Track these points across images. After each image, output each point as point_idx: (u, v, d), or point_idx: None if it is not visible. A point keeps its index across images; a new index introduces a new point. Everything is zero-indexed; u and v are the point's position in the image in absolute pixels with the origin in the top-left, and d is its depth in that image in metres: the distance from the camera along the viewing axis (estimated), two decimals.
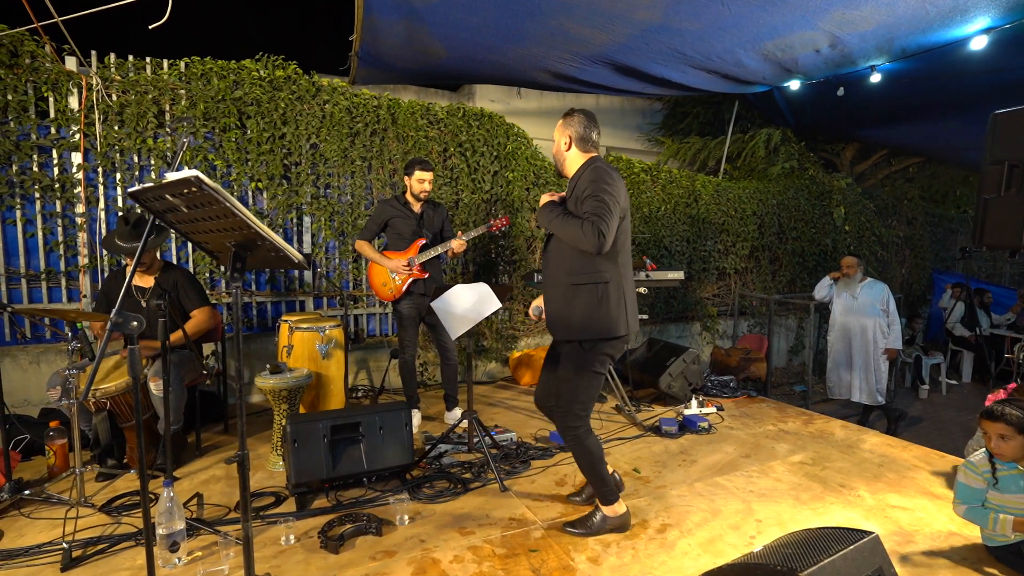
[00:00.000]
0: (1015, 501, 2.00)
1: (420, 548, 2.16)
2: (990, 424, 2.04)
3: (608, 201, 2.00)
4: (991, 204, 2.76)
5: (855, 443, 3.35)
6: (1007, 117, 2.68)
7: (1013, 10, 3.14)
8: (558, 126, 2.20)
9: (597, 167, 2.10)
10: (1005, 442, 2.00)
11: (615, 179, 2.07)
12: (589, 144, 2.18)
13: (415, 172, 3.31)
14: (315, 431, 2.51)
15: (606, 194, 2.01)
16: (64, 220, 3.59)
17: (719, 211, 5.78)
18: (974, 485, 2.09)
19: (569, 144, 2.17)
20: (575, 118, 2.17)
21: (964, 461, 2.18)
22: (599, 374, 2.19)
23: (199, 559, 2.09)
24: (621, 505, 2.29)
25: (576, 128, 2.15)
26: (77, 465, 2.40)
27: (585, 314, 2.10)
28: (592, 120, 2.19)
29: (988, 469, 2.06)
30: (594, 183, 2.04)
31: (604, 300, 2.09)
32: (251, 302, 4.14)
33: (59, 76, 3.47)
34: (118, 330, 1.58)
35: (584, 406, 2.19)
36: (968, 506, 2.11)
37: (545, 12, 3.20)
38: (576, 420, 2.19)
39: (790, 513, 2.47)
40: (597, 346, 2.14)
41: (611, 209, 1.99)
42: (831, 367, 4.82)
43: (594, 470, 2.22)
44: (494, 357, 4.83)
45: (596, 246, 1.97)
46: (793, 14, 3.18)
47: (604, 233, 1.95)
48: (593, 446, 2.21)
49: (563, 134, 2.18)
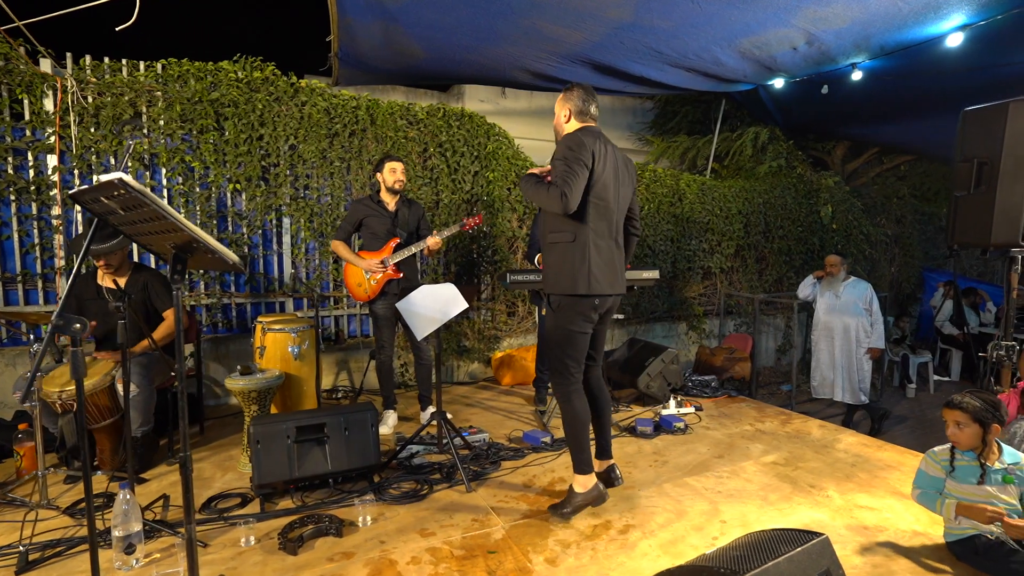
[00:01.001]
0: (967, 491, 2.01)
1: (379, 549, 2.15)
2: (949, 412, 2.06)
3: (573, 165, 2.12)
4: (961, 202, 2.75)
5: (830, 443, 3.34)
6: (976, 114, 2.67)
7: (987, 7, 3.12)
8: (559, 100, 2.33)
9: (571, 134, 2.22)
10: (960, 430, 2.02)
11: (585, 145, 2.16)
12: (587, 116, 2.30)
13: (385, 164, 3.32)
14: (279, 432, 2.50)
15: (573, 160, 2.13)
16: (40, 222, 3.60)
17: (704, 210, 5.76)
18: (932, 473, 2.14)
19: (568, 116, 2.30)
20: (574, 92, 2.29)
21: (928, 451, 2.22)
22: (574, 332, 2.28)
23: (156, 561, 2.08)
24: (592, 478, 2.33)
25: (575, 102, 2.28)
26: (40, 468, 2.40)
27: (554, 270, 2.26)
28: (590, 94, 2.30)
29: (947, 459, 2.08)
30: (564, 148, 2.18)
31: (568, 257, 2.22)
32: (230, 303, 4.14)
33: (33, 78, 3.47)
34: (61, 332, 1.58)
35: (565, 364, 2.29)
36: (922, 491, 2.16)
37: (516, 11, 3.19)
38: (560, 377, 2.30)
39: (756, 514, 2.45)
40: (564, 303, 2.26)
41: (576, 171, 2.11)
42: (814, 366, 4.80)
43: (573, 433, 2.30)
44: (476, 357, 4.83)
45: (561, 206, 2.11)
46: (765, 11, 3.17)
47: (567, 194, 2.09)
48: (580, 409, 2.29)
49: (563, 107, 2.31)
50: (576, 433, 2.30)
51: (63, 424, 2.70)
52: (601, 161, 2.20)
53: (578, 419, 2.28)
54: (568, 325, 2.27)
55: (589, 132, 2.24)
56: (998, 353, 2.99)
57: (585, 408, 2.31)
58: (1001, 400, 2.07)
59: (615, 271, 2.33)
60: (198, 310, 4.03)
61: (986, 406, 1.99)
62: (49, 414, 2.71)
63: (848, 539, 2.24)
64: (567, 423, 2.32)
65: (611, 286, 2.30)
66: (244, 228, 4.09)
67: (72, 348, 1.60)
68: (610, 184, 2.26)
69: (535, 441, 3.19)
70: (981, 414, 1.98)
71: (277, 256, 4.27)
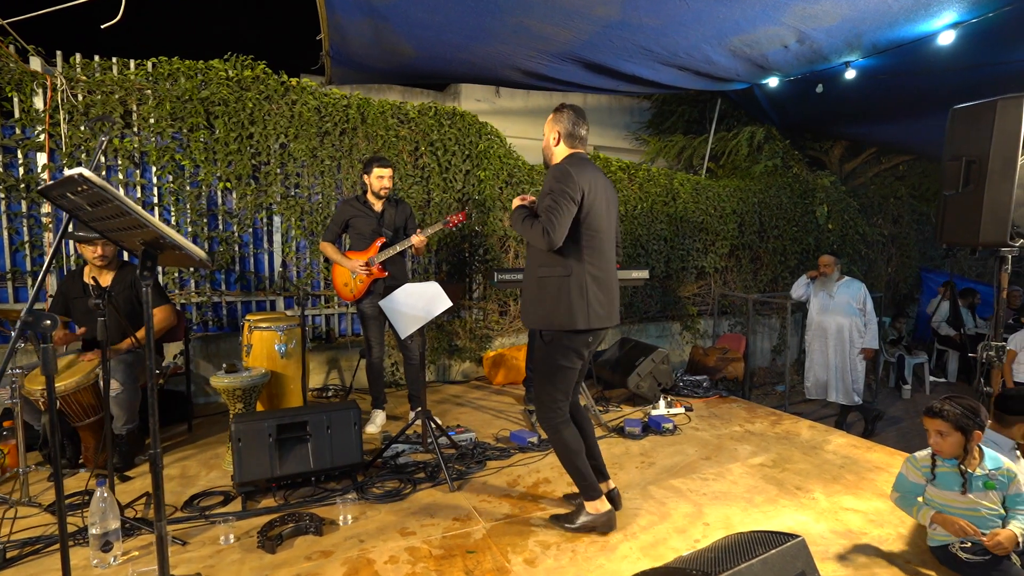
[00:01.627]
0: (950, 499, 1.99)
1: (358, 548, 2.14)
2: (929, 420, 2.03)
3: (559, 199, 2.06)
4: (950, 201, 2.72)
5: (819, 444, 3.31)
6: (964, 112, 2.64)
7: (978, 5, 3.09)
8: (548, 121, 2.25)
9: (559, 166, 2.15)
10: (943, 438, 1.98)
11: (572, 178, 2.09)
12: (576, 140, 2.22)
13: (373, 169, 3.30)
14: (260, 430, 2.49)
15: (559, 194, 2.07)
16: (30, 220, 3.60)
17: (698, 209, 5.73)
18: (912, 479, 2.12)
19: (557, 139, 2.22)
20: (564, 114, 2.21)
21: (909, 456, 2.19)
22: (564, 367, 2.21)
23: (134, 559, 2.08)
24: (604, 503, 2.28)
25: (564, 124, 2.20)
26: (21, 465, 2.40)
27: (548, 305, 2.18)
28: (580, 116, 2.22)
29: (928, 465, 2.06)
30: (551, 180, 2.11)
31: (564, 293, 2.14)
32: (220, 301, 4.14)
33: (23, 76, 3.48)
34: (30, 329, 1.57)
35: (554, 397, 2.22)
36: (901, 495, 2.15)
37: (504, 9, 3.18)
38: (548, 410, 2.23)
39: (740, 516, 2.43)
40: (557, 338, 2.19)
41: (561, 206, 2.05)
42: (808, 367, 4.77)
43: (570, 462, 2.24)
44: (468, 357, 4.81)
45: (545, 243, 2.07)
46: (753, 9, 3.15)
47: (550, 232, 2.04)
48: (570, 439, 2.23)
49: (552, 129, 2.23)
50: (572, 462, 2.23)
51: (46, 422, 2.70)
52: (592, 191, 2.13)
53: (570, 448, 2.22)
54: (561, 360, 2.19)
55: (577, 160, 2.18)
56: (988, 354, 2.96)
57: (575, 436, 2.25)
58: (980, 405, 2.03)
59: (613, 301, 2.27)
60: (188, 308, 4.03)
61: (966, 412, 1.95)
62: (32, 411, 2.71)
63: (832, 541, 2.22)
64: (562, 454, 2.25)
65: (609, 318, 2.24)
66: (235, 226, 4.09)
67: (42, 345, 1.59)
68: (602, 213, 2.20)
69: (522, 441, 3.18)
70: (962, 421, 1.94)
71: (267, 255, 4.26)
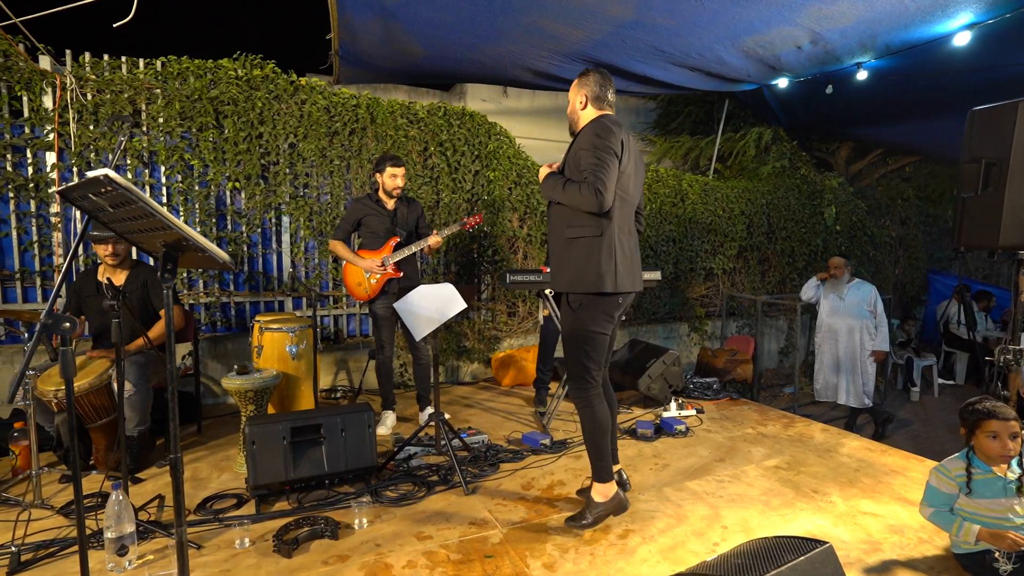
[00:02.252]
0: (985, 507, 1.92)
1: (374, 553, 2.12)
2: (1000, 423, 1.89)
3: (604, 156, 1.99)
4: (969, 203, 2.70)
5: (833, 447, 3.29)
6: (984, 114, 2.62)
7: (995, 5, 3.07)
8: (573, 85, 2.21)
9: (597, 121, 2.10)
10: (1014, 441, 1.87)
11: (614, 133, 2.05)
12: (604, 103, 2.18)
13: (386, 168, 3.27)
14: (274, 433, 2.47)
15: (603, 150, 2.00)
16: (39, 220, 3.59)
17: (706, 211, 5.71)
18: (945, 490, 2.02)
19: (584, 103, 2.18)
20: (590, 77, 2.17)
21: (937, 464, 2.11)
22: (595, 333, 2.16)
23: (149, 562, 2.06)
24: (613, 486, 2.24)
25: (591, 87, 2.16)
26: (34, 467, 2.38)
27: (576, 267, 2.12)
28: (607, 79, 2.18)
29: (963, 474, 1.96)
30: (591, 136, 2.04)
31: (594, 254, 2.09)
32: (229, 302, 4.12)
33: (32, 75, 3.46)
34: (50, 331, 1.56)
35: (587, 367, 2.16)
36: (935, 509, 2.05)
37: (517, 9, 3.16)
38: (580, 381, 2.17)
39: (758, 520, 2.41)
40: (586, 302, 2.13)
41: (607, 163, 1.99)
42: (818, 369, 4.75)
43: (593, 440, 2.19)
44: (476, 358, 4.79)
45: (597, 204, 1.98)
46: (769, 9, 3.13)
47: (602, 191, 1.97)
48: (601, 415, 2.18)
49: (578, 93, 2.19)
50: (597, 440, 2.18)
51: (59, 422, 2.68)
52: (626, 151, 2.08)
53: (599, 425, 2.17)
54: (590, 326, 2.14)
55: (611, 119, 2.13)
56: (1005, 357, 2.94)
57: (606, 414, 2.20)
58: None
59: (638, 267, 2.23)
60: (196, 308, 4.01)
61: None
62: (45, 412, 2.69)
63: (852, 547, 2.20)
64: (588, 430, 2.20)
65: (634, 283, 2.20)
66: (243, 227, 4.07)
67: (62, 347, 1.57)
68: (631, 175, 2.16)
69: (534, 443, 3.16)
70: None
71: (276, 255, 4.24)
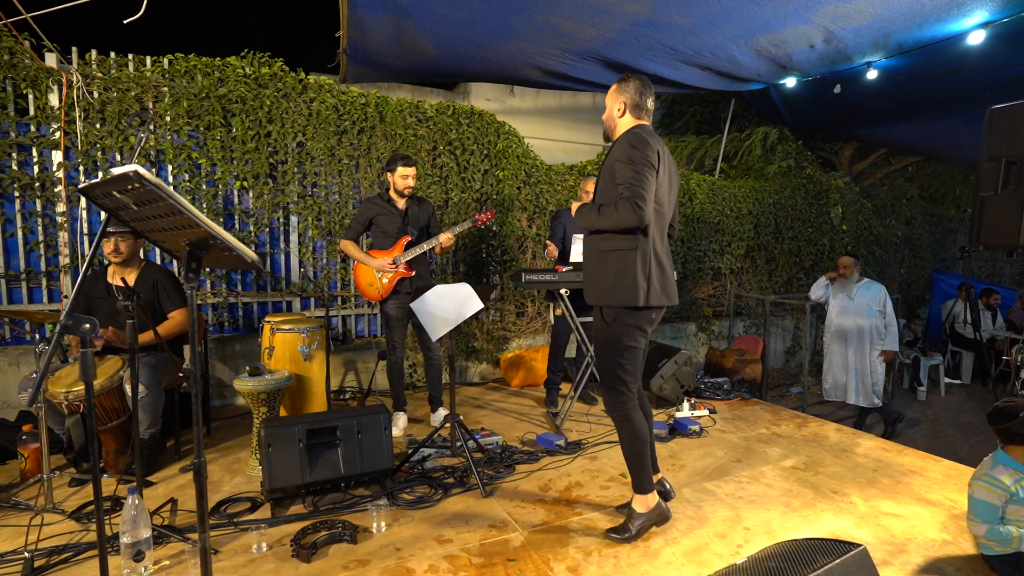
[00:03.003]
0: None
1: (395, 557, 2.09)
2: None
3: (642, 169, 1.94)
4: (988, 202, 2.68)
5: (849, 447, 3.28)
6: (1004, 113, 2.60)
7: (1011, 3, 3.06)
8: (611, 91, 2.15)
9: (633, 132, 2.04)
10: None
11: (650, 145, 2.00)
12: (643, 111, 2.12)
13: (397, 168, 3.25)
14: (290, 435, 2.44)
15: (640, 162, 1.95)
16: (45, 219, 3.54)
17: (714, 210, 5.70)
18: (994, 501, 1.94)
19: (623, 110, 2.12)
20: (630, 83, 2.11)
21: (982, 474, 2.02)
22: (630, 347, 2.14)
23: (165, 568, 2.02)
24: (654, 496, 2.22)
25: (631, 94, 2.10)
26: (45, 471, 2.34)
27: (611, 281, 2.09)
28: (647, 87, 2.13)
29: (1015, 481, 1.91)
30: (626, 148, 1.98)
31: (630, 268, 2.06)
32: (237, 303, 4.08)
33: (38, 73, 3.41)
34: (70, 332, 1.52)
35: (623, 380, 2.15)
36: (990, 526, 1.95)
37: (532, 7, 3.13)
38: (618, 395, 2.16)
39: (779, 521, 2.39)
40: (620, 316, 2.11)
41: (645, 176, 1.94)
42: (827, 369, 4.74)
43: (633, 450, 2.17)
44: (485, 358, 4.76)
45: (636, 219, 1.93)
46: (785, 8, 3.11)
47: (640, 205, 1.92)
48: (640, 426, 2.16)
49: (617, 100, 2.13)
50: (637, 451, 2.17)
51: (70, 425, 2.64)
52: (661, 162, 2.04)
53: (639, 436, 2.15)
54: (625, 340, 2.12)
55: (647, 130, 2.08)
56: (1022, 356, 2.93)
57: (644, 424, 2.19)
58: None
59: (672, 280, 2.20)
60: (204, 309, 3.97)
61: None
62: (55, 415, 2.65)
63: (876, 548, 2.18)
64: (627, 442, 2.18)
65: (669, 297, 2.17)
66: (251, 226, 4.03)
67: (82, 349, 1.54)
68: (667, 187, 2.12)
69: (549, 444, 3.13)
70: None
71: (284, 255, 4.21)
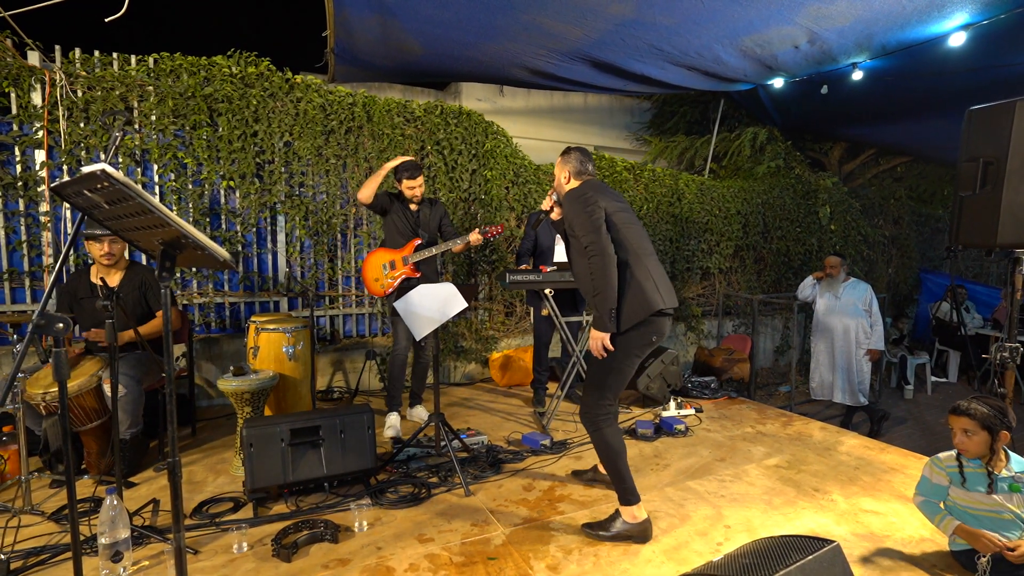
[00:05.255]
0: (977, 501, 1.96)
1: (376, 556, 2.09)
2: (955, 419, 2.01)
3: (591, 208, 2.21)
4: (967, 202, 2.72)
5: (832, 445, 3.30)
6: (982, 113, 2.64)
7: (990, 6, 3.09)
8: (557, 164, 2.48)
9: (574, 189, 2.34)
10: (968, 438, 1.96)
11: (584, 191, 2.28)
12: (584, 175, 2.42)
13: (403, 180, 3.31)
14: (273, 435, 2.43)
15: (587, 203, 2.22)
16: (27, 219, 3.52)
17: (703, 210, 5.72)
18: (936, 480, 2.08)
19: (568, 178, 2.43)
20: (572, 156, 2.43)
21: (932, 457, 2.15)
22: (623, 368, 2.24)
23: (144, 569, 2.01)
24: (641, 510, 2.23)
25: (573, 164, 2.42)
26: (23, 472, 2.32)
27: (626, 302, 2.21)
28: (587, 156, 2.46)
29: (954, 466, 2.02)
30: (573, 202, 2.27)
31: (634, 277, 2.20)
32: (223, 302, 4.06)
33: (20, 71, 3.39)
34: (43, 332, 1.51)
35: (604, 396, 2.24)
36: (925, 498, 2.12)
37: (517, 6, 3.14)
38: (596, 408, 2.24)
39: (760, 519, 2.41)
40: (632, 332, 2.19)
41: (595, 214, 2.20)
42: (813, 368, 4.77)
43: (613, 465, 2.23)
44: (474, 358, 4.76)
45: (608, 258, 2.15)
46: (768, 8, 3.13)
47: (600, 244, 2.15)
48: (612, 437, 2.22)
49: (562, 171, 2.45)
50: (614, 463, 2.21)
51: (47, 427, 2.62)
52: (606, 198, 2.29)
53: (612, 448, 2.21)
54: (631, 355, 2.21)
55: (587, 184, 2.37)
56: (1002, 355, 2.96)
57: (618, 435, 2.24)
58: (1008, 406, 2.02)
59: (669, 284, 2.32)
60: (191, 309, 3.95)
61: (994, 412, 1.93)
62: (33, 416, 2.63)
63: (854, 545, 2.20)
64: (602, 454, 2.24)
65: (673, 300, 2.27)
66: (238, 226, 4.02)
67: (55, 348, 1.53)
68: (627, 210, 2.35)
69: (534, 444, 3.14)
70: (990, 420, 1.92)
71: (271, 255, 4.19)
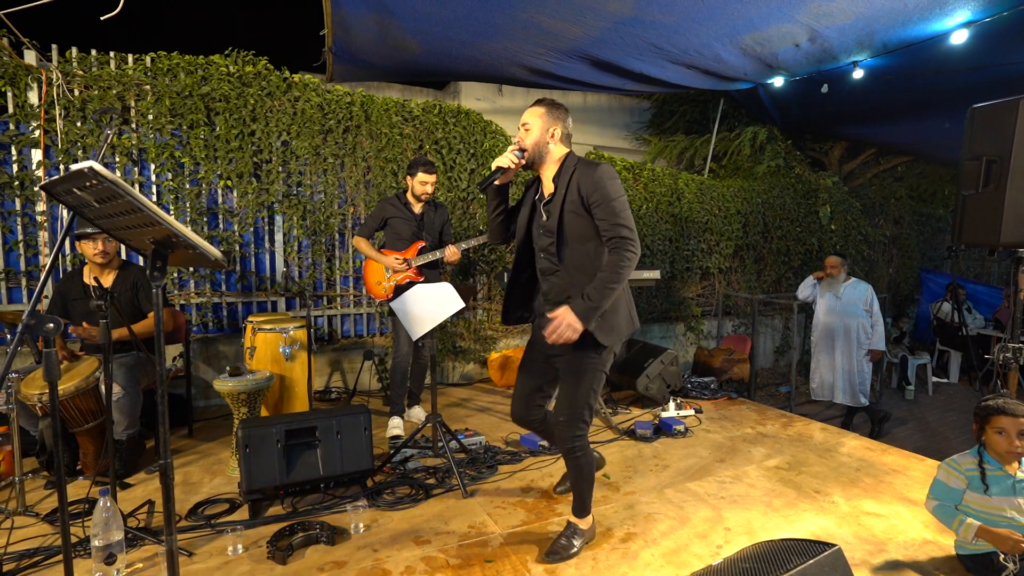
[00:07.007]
0: (995, 506, 1.89)
1: (372, 558, 2.07)
2: (1009, 420, 1.86)
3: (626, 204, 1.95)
4: (969, 201, 2.69)
5: (833, 447, 3.28)
6: (985, 111, 2.61)
7: (993, 3, 3.07)
8: (543, 113, 2.02)
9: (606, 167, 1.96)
10: (1021, 439, 1.85)
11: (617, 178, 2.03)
12: (569, 141, 2.09)
13: (418, 174, 3.23)
14: (268, 436, 2.41)
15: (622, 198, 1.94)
16: (24, 219, 3.50)
17: (702, 210, 5.70)
18: (953, 484, 1.99)
19: (556, 138, 2.03)
20: (564, 112, 2.06)
21: (947, 459, 2.07)
22: (604, 375, 2.13)
23: (138, 571, 1.99)
24: (590, 516, 2.21)
25: (567, 124, 2.05)
26: (17, 473, 2.31)
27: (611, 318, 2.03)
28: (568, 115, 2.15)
29: (974, 468, 1.93)
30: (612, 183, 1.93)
31: (622, 300, 2.09)
32: (221, 302, 4.04)
33: (17, 70, 3.37)
34: (32, 332, 1.49)
35: (591, 409, 2.11)
36: (939, 503, 2.02)
37: (515, 5, 3.12)
38: (583, 427, 2.09)
39: (760, 521, 2.39)
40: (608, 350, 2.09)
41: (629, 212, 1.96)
42: (814, 368, 4.74)
43: (591, 480, 2.16)
44: (472, 358, 4.74)
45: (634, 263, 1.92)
46: (769, 6, 3.11)
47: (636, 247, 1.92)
48: (591, 456, 2.15)
49: (551, 124, 2.01)
50: (593, 479, 2.17)
51: (43, 427, 2.60)
52: None
53: (592, 463, 2.16)
54: (602, 369, 2.10)
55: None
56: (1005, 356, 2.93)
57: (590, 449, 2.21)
58: None
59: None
60: (187, 309, 3.93)
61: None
62: (28, 416, 2.61)
63: (856, 547, 2.18)
64: (588, 473, 2.13)
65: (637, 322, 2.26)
66: (235, 225, 4.00)
67: (45, 349, 1.51)
68: None
69: (532, 445, 3.12)
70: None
71: (269, 254, 4.17)
